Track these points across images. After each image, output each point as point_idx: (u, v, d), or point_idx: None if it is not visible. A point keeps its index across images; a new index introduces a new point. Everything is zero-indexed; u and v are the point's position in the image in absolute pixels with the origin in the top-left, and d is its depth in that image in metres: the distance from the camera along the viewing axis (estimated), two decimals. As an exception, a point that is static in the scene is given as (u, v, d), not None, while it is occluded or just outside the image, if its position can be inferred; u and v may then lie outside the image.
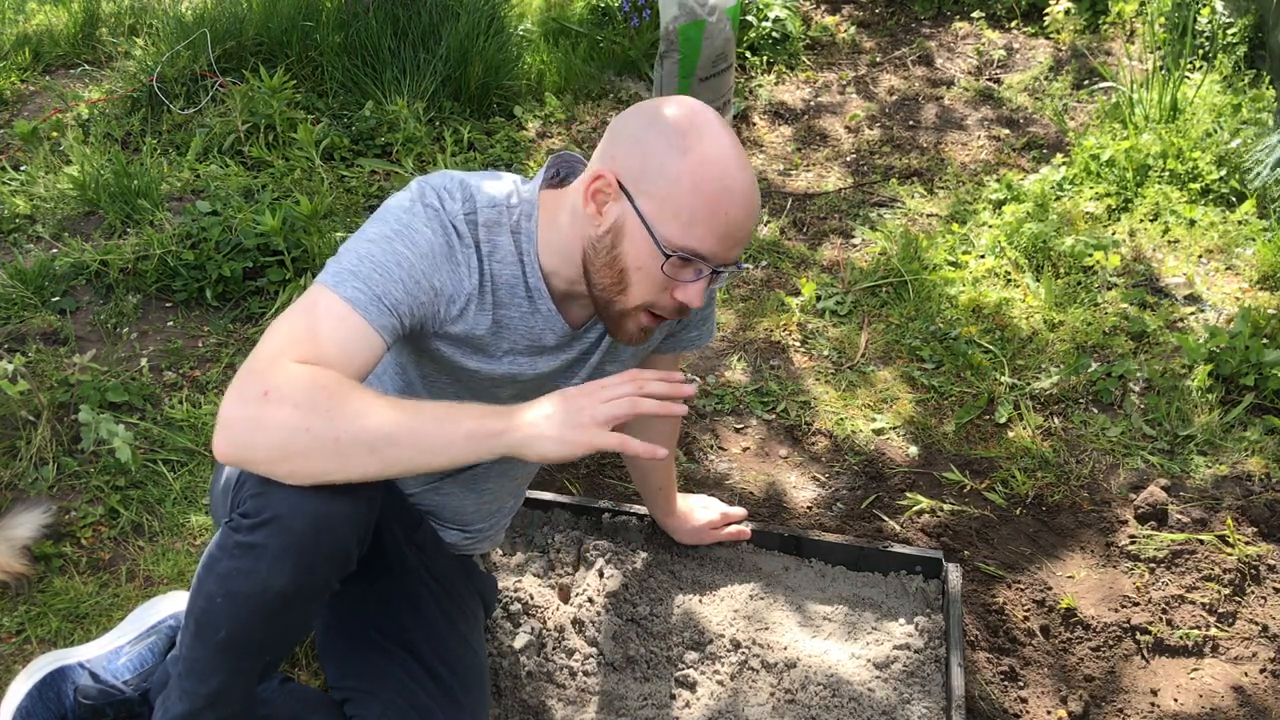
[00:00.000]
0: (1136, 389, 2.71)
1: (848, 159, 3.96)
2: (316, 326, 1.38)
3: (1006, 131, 4.08)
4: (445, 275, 1.49)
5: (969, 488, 2.43)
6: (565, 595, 2.09)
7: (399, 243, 1.45)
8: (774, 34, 4.57)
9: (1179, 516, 2.30)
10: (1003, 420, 2.62)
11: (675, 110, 1.47)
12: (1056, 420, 2.63)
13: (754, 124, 4.15)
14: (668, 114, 1.46)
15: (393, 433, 1.32)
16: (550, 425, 1.35)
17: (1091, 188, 3.50)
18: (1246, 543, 2.23)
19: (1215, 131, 3.61)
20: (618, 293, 1.50)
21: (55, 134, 3.70)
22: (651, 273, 1.46)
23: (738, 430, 2.62)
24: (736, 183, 1.44)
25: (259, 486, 1.36)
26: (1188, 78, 3.96)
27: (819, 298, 3.07)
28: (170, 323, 2.86)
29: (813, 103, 4.33)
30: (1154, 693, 1.98)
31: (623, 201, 1.46)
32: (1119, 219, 3.39)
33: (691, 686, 1.94)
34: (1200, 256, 3.21)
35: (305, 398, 1.30)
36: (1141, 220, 3.35)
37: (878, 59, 4.67)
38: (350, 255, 1.44)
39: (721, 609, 2.08)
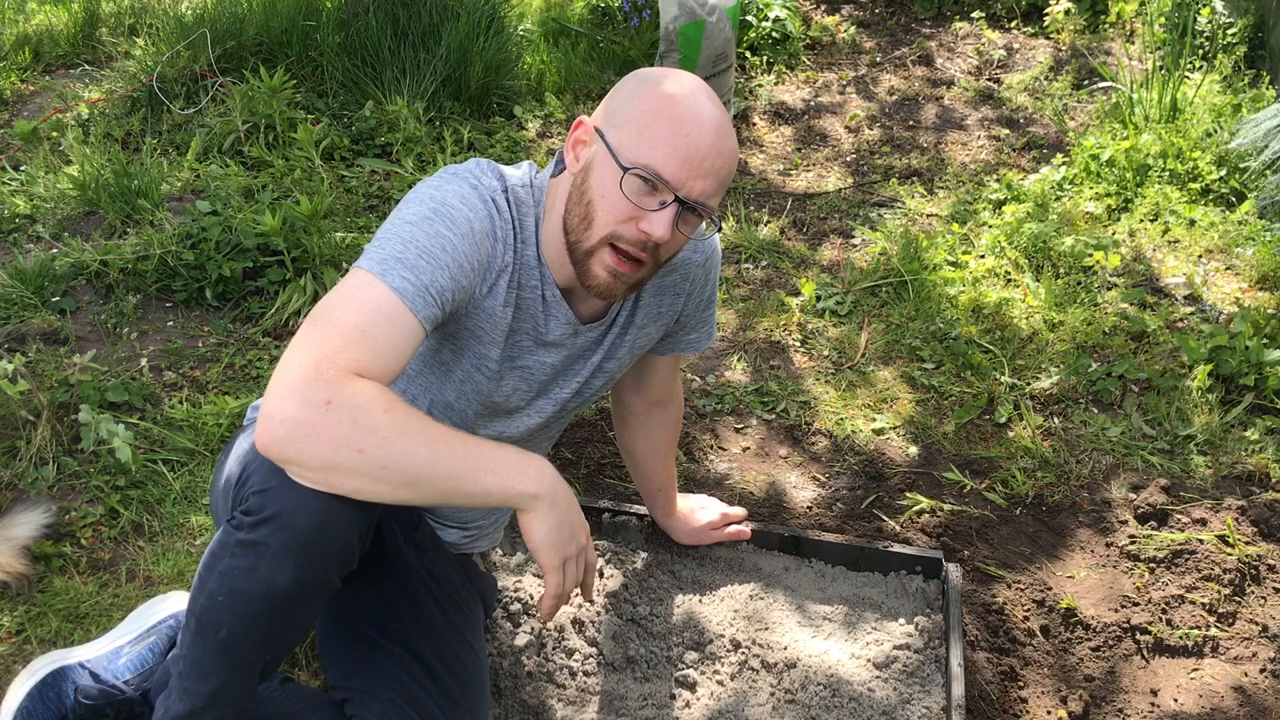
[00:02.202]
0: (1136, 389, 2.71)
1: (848, 159, 3.96)
2: (369, 325, 1.37)
3: (1006, 131, 4.08)
4: (486, 251, 1.50)
5: (969, 488, 2.43)
6: (565, 595, 2.09)
7: (439, 223, 1.44)
8: (774, 34, 4.57)
9: (1179, 516, 2.30)
10: (1003, 420, 2.62)
11: (654, 68, 1.54)
12: (1056, 420, 2.63)
13: (754, 124, 4.15)
14: (648, 69, 1.54)
15: (435, 473, 1.34)
16: (553, 530, 1.44)
17: (1091, 188, 3.50)
18: (1246, 543, 2.23)
19: (1215, 131, 3.61)
20: (584, 229, 1.49)
21: (55, 134, 3.70)
22: (614, 199, 1.46)
23: (738, 430, 2.62)
24: (703, 111, 1.46)
25: (263, 484, 1.36)
26: (1188, 78, 3.96)
27: (819, 298, 3.07)
28: (170, 323, 2.86)
29: (813, 103, 4.33)
30: (1154, 693, 1.98)
31: (596, 141, 1.49)
32: (1119, 219, 3.39)
33: (691, 686, 1.94)
34: (1200, 256, 3.21)
35: (364, 418, 1.30)
36: (1141, 220, 3.35)
37: (878, 59, 4.67)
38: (393, 240, 1.43)
39: (721, 609, 2.08)
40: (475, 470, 1.37)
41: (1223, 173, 3.44)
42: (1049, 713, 1.94)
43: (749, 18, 4.53)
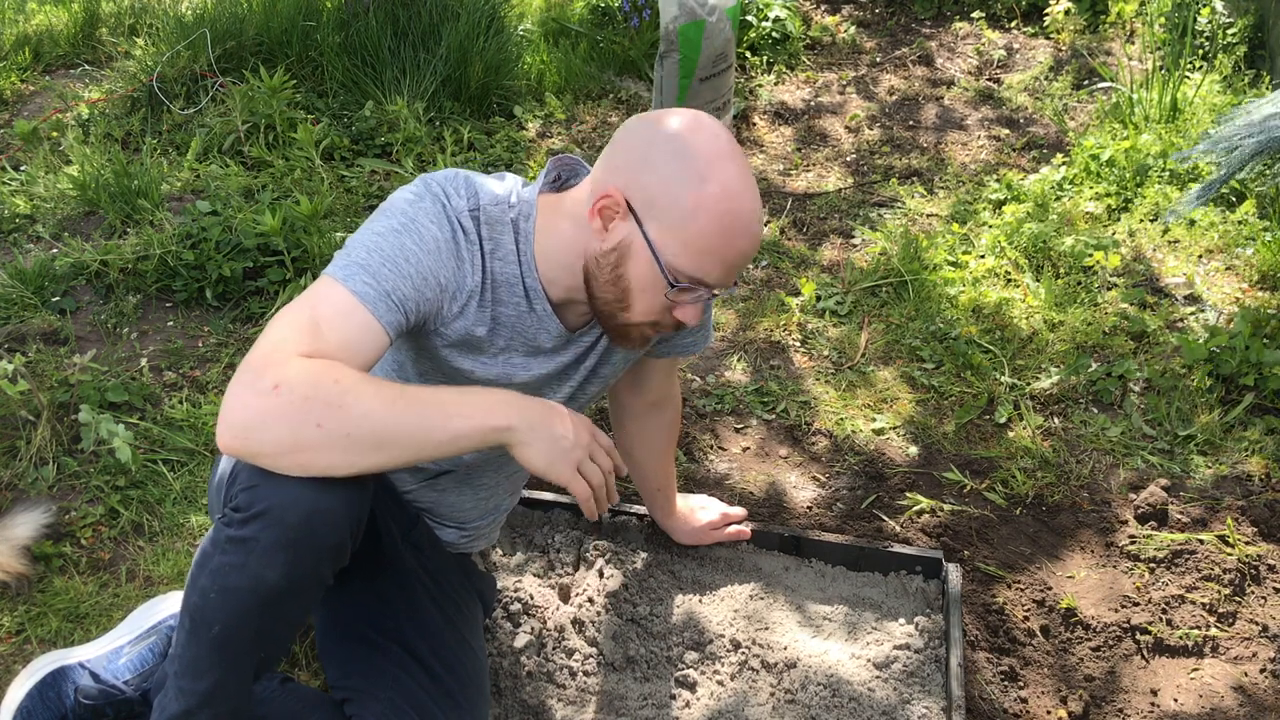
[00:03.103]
0: (1136, 389, 2.71)
1: (848, 159, 3.96)
2: (323, 320, 1.39)
3: (1006, 131, 4.08)
4: (450, 271, 1.50)
5: (969, 488, 2.43)
6: (565, 595, 2.09)
7: (407, 238, 1.45)
8: (774, 34, 4.57)
9: (1179, 516, 2.30)
10: (1003, 420, 2.62)
11: (688, 132, 1.45)
12: (1056, 420, 2.63)
13: (754, 124, 4.15)
14: (682, 136, 1.45)
15: (402, 429, 1.34)
16: (546, 449, 1.43)
17: (1091, 188, 3.50)
18: (1246, 543, 2.23)
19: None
20: (620, 309, 1.52)
21: (55, 134, 3.70)
22: (655, 296, 1.49)
23: (738, 430, 2.62)
24: (746, 215, 1.45)
25: (251, 480, 1.36)
26: (1188, 78, 3.96)
27: (819, 298, 3.07)
28: (170, 323, 2.86)
29: (813, 103, 4.33)
30: (1154, 693, 1.98)
31: (630, 222, 1.46)
32: (1119, 219, 3.39)
33: (691, 686, 1.94)
34: (1200, 256, 3.21)
35: (316, 392, 1.31)
36: (1141, 220, 3.35)
37: (878, 59, 4.67)
38: (359, 248, 1.44)
39: (721, 609, 2.08)
40: (440, 418, 1.37)
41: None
42: (1049, 713, 1.94)
43: (749, 18, 4.53)
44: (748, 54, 4.52)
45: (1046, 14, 4.83)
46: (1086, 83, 4.35)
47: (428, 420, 1.36)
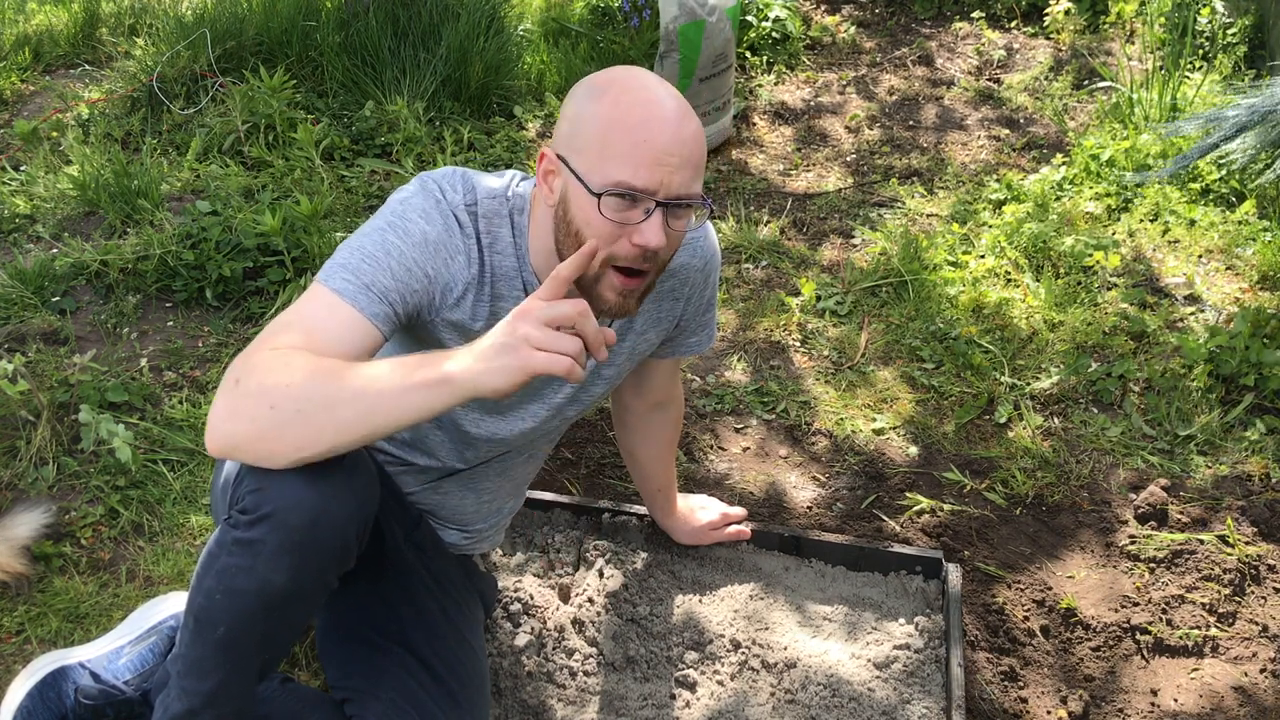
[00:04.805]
0: (1136, 389, 2.71)
1: (848, 159, 3.96)
2: (304, 318, 1.41)
3: (1006, 131, 4.08)
4: (441, 263, 1.50)
5: (969, 488, 2.43)
6: (565, 595, 2.09)
7: (390, 233, 1.47)
8: (774, 34, 4.57)
9: (1179, 516, 2.30)
10: (1003, 420, 2.62)
11: (597, 74, 1.50)
12: (1056, 420, 2.63)
13: (754, 124, 4.15)
14: (590, 79, 1.49)
15: (351, 395, 1.30)
16: (488, 355, 1.30)
17: (1091, 188, 3.50)
18: (1246, 543, 2.23)
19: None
20: None
21: (55, 134, 3.70)
22: (598, 224, 1.43)
23: (738, 430, 2.62)
24: (657, 108, 1.42)
25: (257, 482, 1.36)
26: (1188, 78, 3.96)
27: (819, 298, 3.07)
28: (170, 323, 2.86)
29: (813, 103, 4.33)
30: (1154, 693, 1.98)
31: (563, 171, 1.47)
32: (1119, 219, 3.39)
33: (691, 686, 1.94)
34: (1200, 256, 3.21)
35: (268, 376, 1.32)
36: (1141, 220, 3.35)
37: (878, 59, 4.67)
38: (342, 251, 1.46)
39: (721, 609, 2.08)
40: (393, 380, 1.30)
41: (1222, 173, 3.44)
42: (1049, 713, 1.94)
43: (749, 18, 4.53)
44: (748, 54, 4.52)
45: (1046, 14, 4.83)
46: (1086, 83, 4.35)
47: (378, 381, 1.30)
